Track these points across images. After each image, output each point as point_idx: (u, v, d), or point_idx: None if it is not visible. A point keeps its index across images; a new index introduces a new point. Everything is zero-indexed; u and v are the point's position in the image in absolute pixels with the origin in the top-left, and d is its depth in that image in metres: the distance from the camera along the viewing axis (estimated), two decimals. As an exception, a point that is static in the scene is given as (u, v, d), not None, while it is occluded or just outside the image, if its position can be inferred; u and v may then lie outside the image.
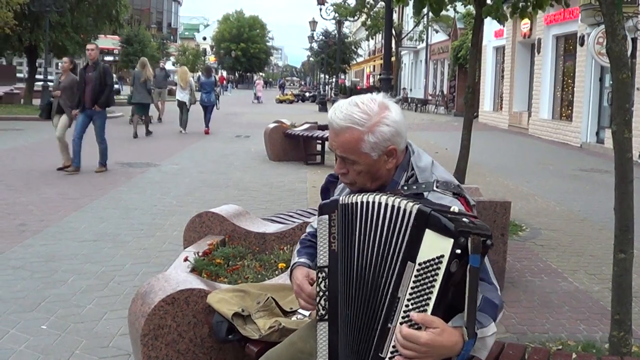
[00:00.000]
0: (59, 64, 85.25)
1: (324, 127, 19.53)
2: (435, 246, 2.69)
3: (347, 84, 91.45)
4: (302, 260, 3.49)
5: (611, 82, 5.22)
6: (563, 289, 8.13)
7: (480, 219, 6.84)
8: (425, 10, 12.73)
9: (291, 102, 69.07)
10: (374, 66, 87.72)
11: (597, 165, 20.60)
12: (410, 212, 2.78)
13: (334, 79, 71.00)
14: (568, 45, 31.01)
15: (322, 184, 3.65)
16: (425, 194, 3.09)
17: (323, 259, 3.06)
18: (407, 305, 2.73)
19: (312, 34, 72.36)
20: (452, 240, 2.66)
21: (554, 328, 6.83)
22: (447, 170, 3.32)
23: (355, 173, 3.19)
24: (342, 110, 3.14)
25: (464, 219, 2.78)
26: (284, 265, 5.77)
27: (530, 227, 11.39)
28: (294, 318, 4.05)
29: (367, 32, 31.32)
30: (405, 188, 3.13)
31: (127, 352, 5.76)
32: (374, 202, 2.90)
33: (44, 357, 5.82)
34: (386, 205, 2.86)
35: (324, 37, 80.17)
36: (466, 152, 11.56)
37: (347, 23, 58.31)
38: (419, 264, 2.71)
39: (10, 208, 11.84)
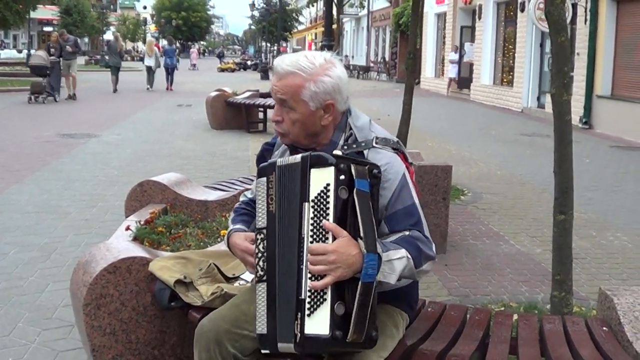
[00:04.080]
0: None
1: (265, 95, 19.52)
2: (321, 179, 2.90)
3: (289, 52, 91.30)
4: (238, 226, 3.57)
5: (551, 47, 5.24)
6: (505, 252, 8.22)
7: (422, 183, 6.94)
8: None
9: (233, 70, 68.62)
10: (316, 34, 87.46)
11: (539, 130, 20.80)
12: (298, 162, 2.99)
13: (275, 47, 70.73)
14: (509, 11, 31.19)
15: (257, 153, 3.68)
16: (366, 151, 3.20)
17: (261, 220, 3.12)
18: (310, 242, 2.88)
19: (253, 1, 72.05)
20: (332, 167, 2.86)
21: (496, 290, 6.90)
22: (384, 128, 3.39)
23: (291, 122, 3.27)
24: (289, 58, 3.27)
25: (347, 156, 3.02)
26: (226, 232, 5.76)
27: (472, 191, 11.49)
28: (236, 284, 4.04)
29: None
30: (346, 147, 3.23)
31: (71, 322, 5.70)
32: (296, 162, 3.03)
33: (-14, 331, 5.76)
34: (293, 163, 3.02)
35: (265, 5, 79.75)
36: (407, 116, 11.57)
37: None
38: (312, 201, 2.89)
39: (-52, 181, 11.66)
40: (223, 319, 3.39)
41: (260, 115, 19.86)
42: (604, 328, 3.66)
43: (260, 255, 3.10)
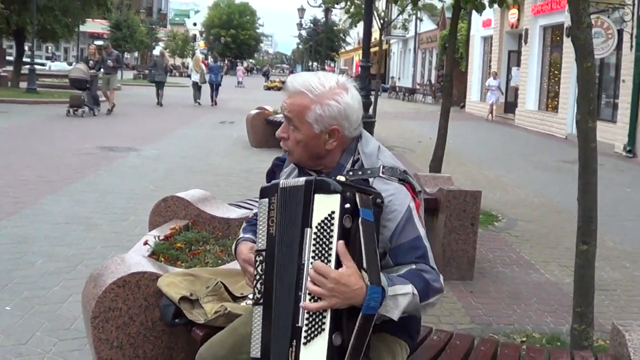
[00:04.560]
0: (49, 47, 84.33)
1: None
2: (325, 206, 2.80)
3: (336, 72, 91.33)
4: (247, 236, 3.49)
5: (577, 72, 5.14)
6: (533, 281, 8.09)
7: (450, 208, 6.88)
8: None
9: (279, 89, 68.71)
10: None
11: (580, 157, 20.48)
12: (301, 185, 2.89)
13: (322, 67, 70.88)
14: (555, 36, 30.98)
15: (268, 167, 3.63)
16: (371, 179, 3.11)
17: (261, 242, 3.05)
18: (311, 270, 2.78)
19: (301, 21, 72.28)
20: (338, 195, 2.77)
21: (520, 320, 6.78)
22: (393, 155, 3.30)
23: (295, 142, 3.21)
24: (302, 77, 3.21)
25: (352, 183, 2.93)
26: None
27: (506, 217, 11.34)
28: (243, 303, 3.99)
29: (350, 20, 30.84)
30: (351, 173, 3.15)
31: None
32: (300, 185, 2.94)
33: (5, 338, 5.80)
34: (297, 186, 2.94)
35: (312, 25, 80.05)
36: (443, 141, 11.49)
37: (336, 11, 58.22)
38: (315, 227, 2.79)
39: (-15, 190, 11.76)
40: (221, 344, 3.36)
41: (300, 134, 19.78)
42: (614, 365, 3.54)
43: (258, 277, 3.04)
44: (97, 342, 4.35)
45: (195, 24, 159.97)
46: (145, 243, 5.80)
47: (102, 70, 27.10)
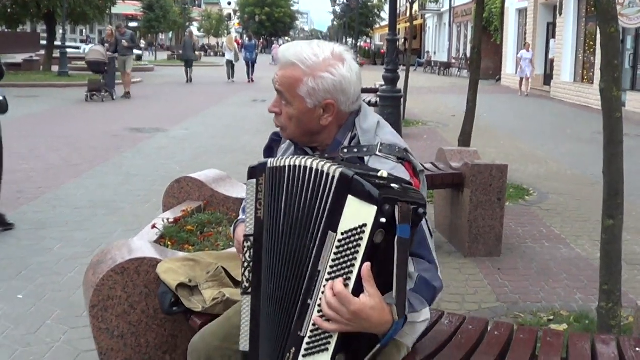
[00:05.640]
0: (83, 30, 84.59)
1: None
2: (357, 214, 2.38)
3: (372, 48, 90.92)
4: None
5: (600, 38, 4.86)
6: (564, 256, 7.83)
7: (475, 183, 6.54)
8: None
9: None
10: (399, 30, 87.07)
11: (617, 129, 20.11)
12: (333, 177, 2.48)
13: (357, 43, 70.58)
14: (590, 7, 30.44)
15: (266, 143, 3.38)
16: (367, 158, 2.84)
17: (249, 226, 2.82)
18: (327, 280, 2.42)
19: (334, -4, 72.00)
20: (375, 207, 2.35)
21: (548, 297, 6.54)
22: (394, 132, 3.03)
23: (287, 117, 2.94)
24: (294, 47, 2.92)
25: (393, 185, 2.47)
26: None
27: (538, 191, 11.07)
28: (244, 288, 3.80)
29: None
30: (346, 151, 2.88)
31: (98, 323, 5.57)
32: (300, 166, 2.61)
33: (14, 327, 5.68)
34: (311, 169, 2.56)
35: (345, 1, 79.73)
36: (471, 114, 11.21)
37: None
38: (341, 234, 2.40)
39: (10, 175, 11.55)
40: (214, 334, 3.18)
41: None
42: (637, 349, 3.27)
43: (246, 265, 2.83)
44: (97, 331, 4.23)
45: (229, 3, 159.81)
46: (154, 226, 5.63)
47: (117, 52, 25.96)
